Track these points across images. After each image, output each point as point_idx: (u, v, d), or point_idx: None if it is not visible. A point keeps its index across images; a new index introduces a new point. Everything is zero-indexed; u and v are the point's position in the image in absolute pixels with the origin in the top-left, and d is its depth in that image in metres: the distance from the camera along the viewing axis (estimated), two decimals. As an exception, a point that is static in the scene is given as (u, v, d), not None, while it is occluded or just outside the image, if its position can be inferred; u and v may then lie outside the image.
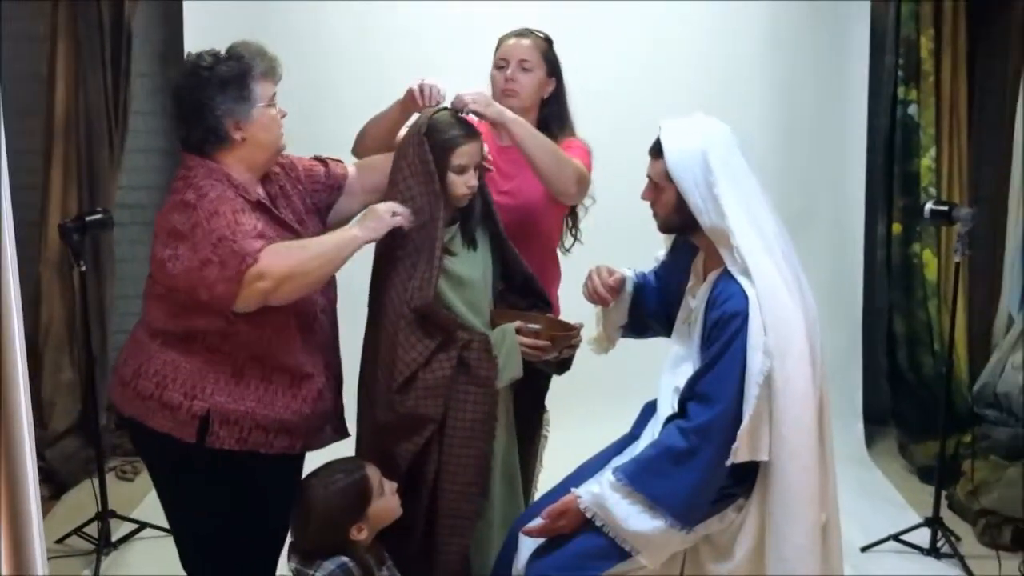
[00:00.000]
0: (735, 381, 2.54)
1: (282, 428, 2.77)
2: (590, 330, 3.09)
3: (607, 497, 2.62)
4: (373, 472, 2.76)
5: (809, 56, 5.22)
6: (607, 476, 2.66)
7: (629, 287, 3.01)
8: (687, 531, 2.61)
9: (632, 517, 2.59)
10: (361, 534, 2.70)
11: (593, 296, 2.98)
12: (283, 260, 2.60)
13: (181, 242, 2.61)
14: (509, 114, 3.07)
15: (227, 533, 2.80)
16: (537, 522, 2.72)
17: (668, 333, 2.95)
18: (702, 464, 2.56)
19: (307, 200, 2.97)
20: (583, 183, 3.22)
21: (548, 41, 3.38)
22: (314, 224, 2.95)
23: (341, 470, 2.78)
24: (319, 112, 4.86)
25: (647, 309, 3.02)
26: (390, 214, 2.76)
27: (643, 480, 2.60)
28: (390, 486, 2.79)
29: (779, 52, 5.20)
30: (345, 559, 2.64)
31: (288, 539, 2.80)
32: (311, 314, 2.84)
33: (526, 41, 3.33)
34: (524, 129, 3.09)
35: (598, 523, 2.63)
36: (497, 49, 3.34)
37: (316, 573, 2.62)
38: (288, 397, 2.77)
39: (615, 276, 2.97)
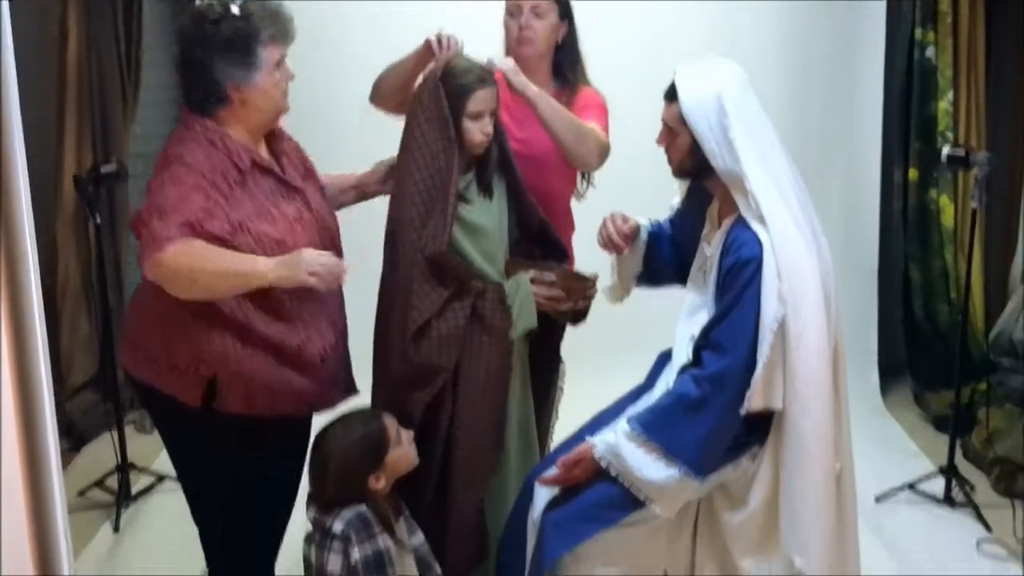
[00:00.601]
0: (749, 329, 2.54)
1: (289, 390, 2.75)
2: (605, 280, 3.09)
3: (621, 447, 2.63)
4: (390, 421, 2.77)
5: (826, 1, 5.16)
6: (621, 426, 2.66)
7: (644, 235, 2.99)
8: (701, 480, 2.61)
9: (646, 466, 2.60)
10: (379, 483, 2.71)
11: (607, 243, 2.96)
12: (186, 260, 2.49)
13: (147, 195, 2.60)
14: (533, 89, 3.04)
15: (236, 495, 2.81)
16: (552, 472, 2.74)
17: (683, 282, 2.94)
18: (715, 413, 2.57)
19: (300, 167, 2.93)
20: (603, 154, 3.20)
21: None
22: (314, 186, 2.91)
23: (358, 420, 2.79)
24: (328, 98, 4.98)
25: (662, 258, 3.01)
26: (308, 272, 2.55)
27: (657, 430, 2.61)
28: (407, 435, 2.80)
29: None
30: (363, 508, 2.66)
31: (307, 490, 2.81)
32: None
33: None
34: (547, 104, 3.07)
35: (612, 473, 2.64)
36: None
37: (335, 523, 2.63)
38: (294, 358, 2.73)
39: (629, 224, 2.96)
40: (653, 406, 2.69)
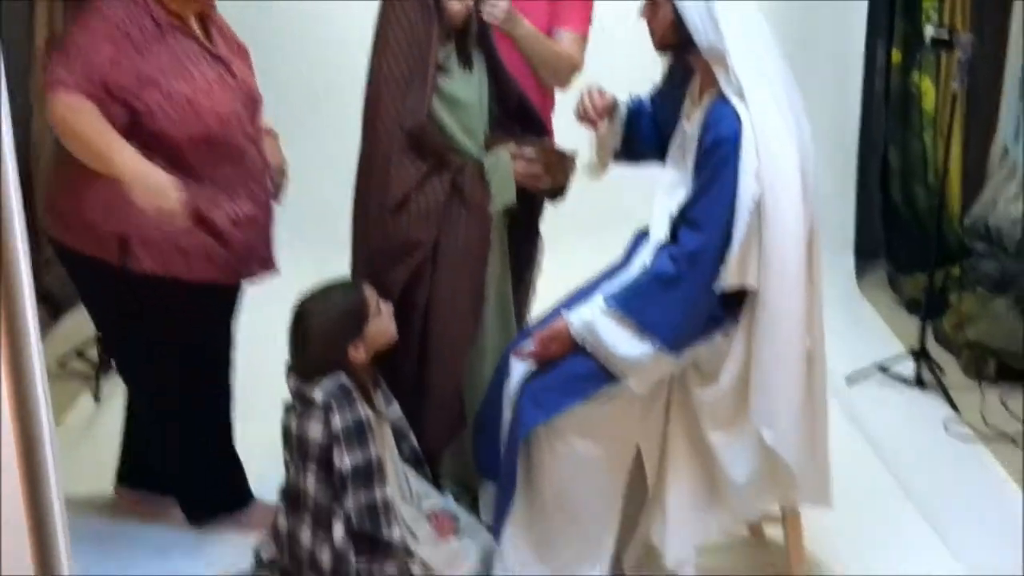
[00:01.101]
0: (726, 207, 2.54)
1: (203, 254, 2.77)
2: (584, 156, 3.07)
3: (597, 323, 2.65)
4: (370, 292, 2.78)
5: None
6: (598, 302, 2.68)
7: (623, 110, 2.97)
8: (675, 356, 2.64)
9: (621, 343, 2.63)
10: (359, 353, 2.73)
11: (584, 117, 2.94)
12: (71, 117, 2.56)
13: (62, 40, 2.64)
14: (523, 29, 3.12)
15: (162, 360, 2.88)
16: (528, 346, 2.76)
17: (663, 159, 2.93)
18: (690, 290, 2.58)
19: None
20: (573, 74, 3.36)
21: None
22: (243, 63, 2.94)
23: (339, 290, 2.80)
24: (311, 103, 4.96)
25: (641, 134, 2.99)
26: (167, 194, 2.58)
27: (633, 306, 2.63)
28: (387, 307, 2.81)
29: None
30: (344, 378, 2.68)
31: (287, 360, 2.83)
32: (234, 144, 2.81)
33: None
34: (532, 43, 3.18)
35: (588, 349, 2.67)
36: None
37: (315, 392, 2.66)
38: (201, 221, 2.74)
39: (606, 98, 2.93)
40: (629, 283, 2.70)
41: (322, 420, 2.64)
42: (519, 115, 3.12)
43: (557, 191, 3.11)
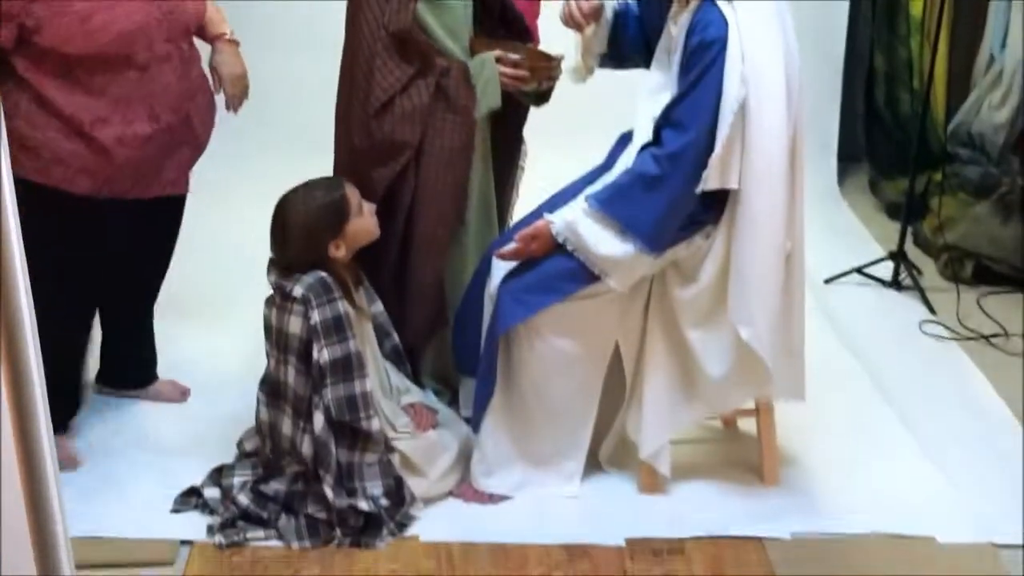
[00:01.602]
0: (709, 109, 2.57)
1: (82, 167, 2.75)
2: (570, 60, 3.08)
3: (579, 222, 2.69)
4: (352, 191, 2.81)
5: None
6: (579, 202, 2.72)
7: (609, 14, 2.97)
8: (655, 255, 2.69)
9: (603, 242, 2.68)
10: (339, 251, 2.77)
11: (569, 20, 2.93)
12: None
13: None
14: None
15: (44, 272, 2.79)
16: (510, 245, 2.81)
17: (648, 64, 2.94)
18: (672, 189, 2.62)
19: None
20: None
21: None
22: None
23: (321, 187, 2.82)
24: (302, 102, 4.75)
25: (627, 38, 2.99)
26: None
27: (614, 205, 2.67)
28: (369, 207, 2.85)
29: None
30: (323, 273, 2.72)
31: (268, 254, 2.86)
32: (136, 62, 2.73)
33: None
34: None
35: (569, 247, 2.71)
36: None
37: (295, 287, 2.70)
38: (85, 136, 2.72)
39: (592, 1, 2.92)
40: (611, 183, 2.73)
41: (302, 314, 2.69)
42: (503, 19, 3.13)
43: (542, 96, 3.13)
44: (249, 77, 3.08)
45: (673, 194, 2.63)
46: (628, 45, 3.01)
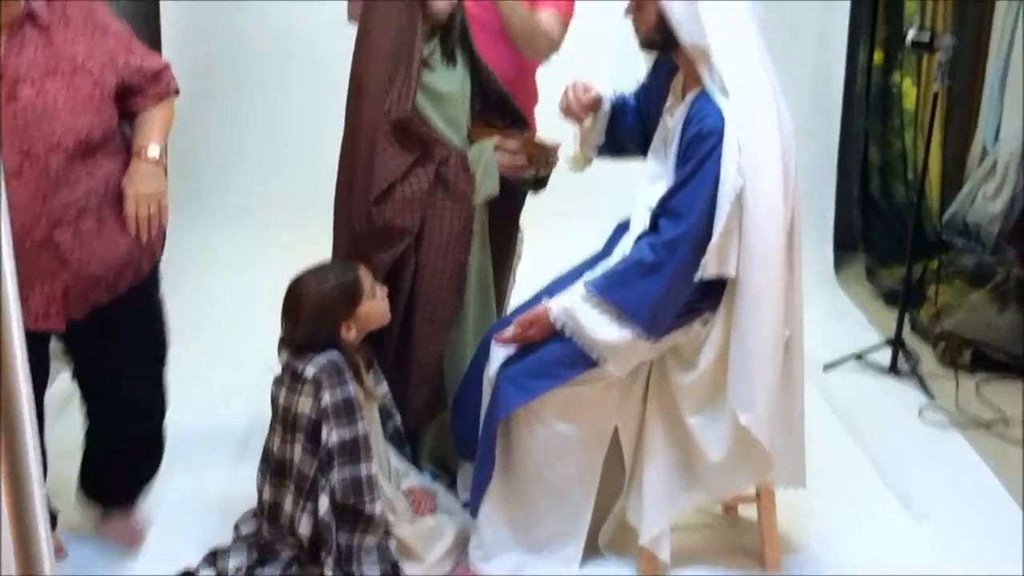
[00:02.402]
0: (706, 198, 2.60)
1: None
2: (568, 149, 3.13)
3: (577, 307, 2.71)
4: (365, 274, 2.84)
5: None
6: (578, 287, 2.74)
7: (607, 106, 3.03)
8: (652, 341, 2.71)
9: (600, 327, 2.69)
10: (350, 333, 2.79)
11: (568, 111, 2.99)
12: None
13: None
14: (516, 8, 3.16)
15: None
16: (509, 330, 2.82)
17: (645, 154, 2.98)
18: (669, 276, 2.64)
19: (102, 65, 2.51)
20: (552, 49, 3.33)
21: None
22: (103, 81, 2.50)
23: (335, 268, 2.86)
24: (298, 109, 4.99)
25: (625, 129, 3.05)
26: None
27: (612, 291, 2.69)
28: (381, 291, 2.88)
29: None
30: (334, 355, 2.73)
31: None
32: None
33: None
34: (510, 8, 3.19)
35: (567, 333, 2.73)
36: None
37: (307, 367, 2.70)
38: None
39: (590, 93, 2.98)
40: (610, 269, 2.76)
41: (312, 395, 2.69)
42: (501, 107, 3.19)
43: (539, 182, 3.18)
44: (167, 197, 2.67)
45: (670, 280, 2.65)
46: (625, 135, 3.06)
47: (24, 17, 2.40)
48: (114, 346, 2.74)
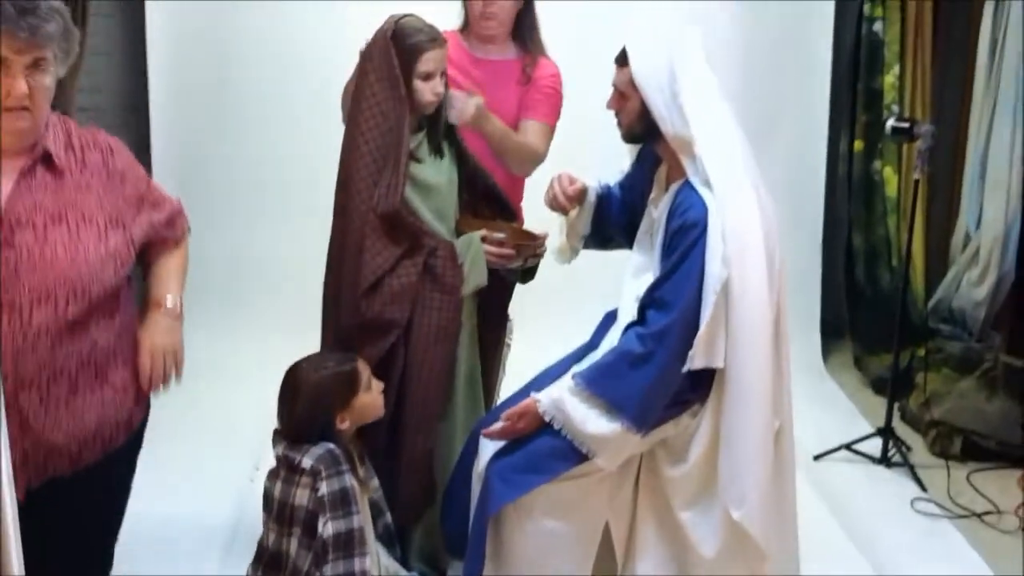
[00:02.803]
0: (692, 288, 2.60)
1: None
2: (554, 240, 3.14)
3: (565, 400, 2.69)
4: (363, 367, 2.82)
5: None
6: (566, 380, 2.72)
7: (592, 197, 3.04)
8: (642, 434, 2.68)
9: (589, 420, 2.66)
10: (344, 424, 2.76)
11: (554, 204, 3.01)
12: None
13: None
14: (491, 123, 3.20)
15: None
16: (497, 425, 2.79)
17: (631, 244, 2.99)
18: (657, 367, 2.62)
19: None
20: (538, 163, 3.41)
21: None
22: (111, 236, 2.27)
23: (333, 359, 2.84)
24: (283, 108, 4.98)
25: (610, 220, 3.06)
26: None
27: (600, 383, 2.67)
28: (377, 385, 2.85)
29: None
30: (331, 445, 2.69)
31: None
32: None
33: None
34: (499, 137, 3.25)
35: (556, 426, 2.70)
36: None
37: (304, 458, 2.66)
38: None
39: (576, 185, 3.00)
40: (598, 362, 2.74)
41: (309, 486, 2.65)
42: (488, 199, 3.20)
43: (527, 273, 3.18)
44: (183, 348, 2.47)
45: (659, 372, 2.64)
46: (611, 226, 3.07)
47: (38, 158, 2.22)
48: (65, 518, 2.34)
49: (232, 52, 5.10)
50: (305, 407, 2.73)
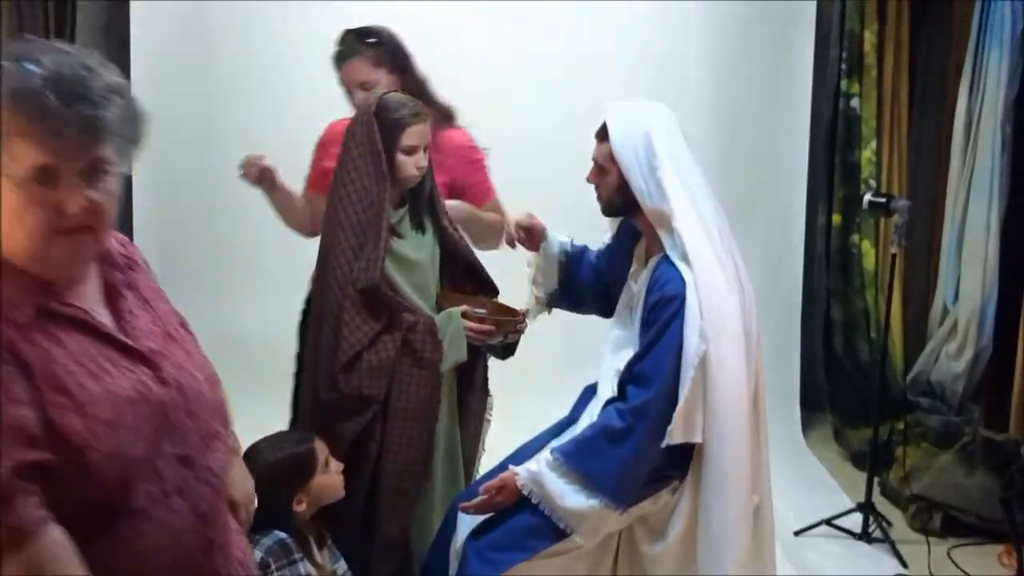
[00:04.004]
0: (671, 363, 2.60)
1: None
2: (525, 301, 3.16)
3: (544, 474, 2.67)
4: (321, 447, 2.78)
5: (755, 47, 5.28)
6: (544, 455, 2.71)
7: (555, 248, 3.10)
8: (620, 510, 2.66)
9: (568, 495, 2.64)
10: (300, 506, 2.72)
11: (517, 239, 3.10)
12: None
13: None
14: (458, 211, 3.24)
15: None
16: (476, 499, 2.77)
17: (603, 312, 3.04)
18: (635, 442, 2.61)
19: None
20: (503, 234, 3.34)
21: (374, 43, 3.30)
22: (181, 345, 1.81)
23: (289, 440, 2.80)
24: (269, 110, 4.99)
25: (581, 281, 3.10)
26: None
27: (579, 458, 2.65)
28: (336, 465, 2.81)
29: (724, 44, 5.25)
30: (283, 535, 2.65)
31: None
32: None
33: (356, 61, 3.28)
34: (477, 224, 3.32)
35: (534, 500, 2.68)
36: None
37: (254, 550, 2.60)
38: None
39: (534, 220, 3.10)
40: (577, 437, 2.73)
41: None
42: (469, 274, 3.19)
43: (507, 349, 3.16)
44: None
45: (638, 447, 2.62)
46: (582, 288, 3.11)
47: (109, 269, 1.78)
48: None
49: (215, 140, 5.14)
50: (260, 491, 2.67)
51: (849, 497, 4.54)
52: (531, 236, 3.12)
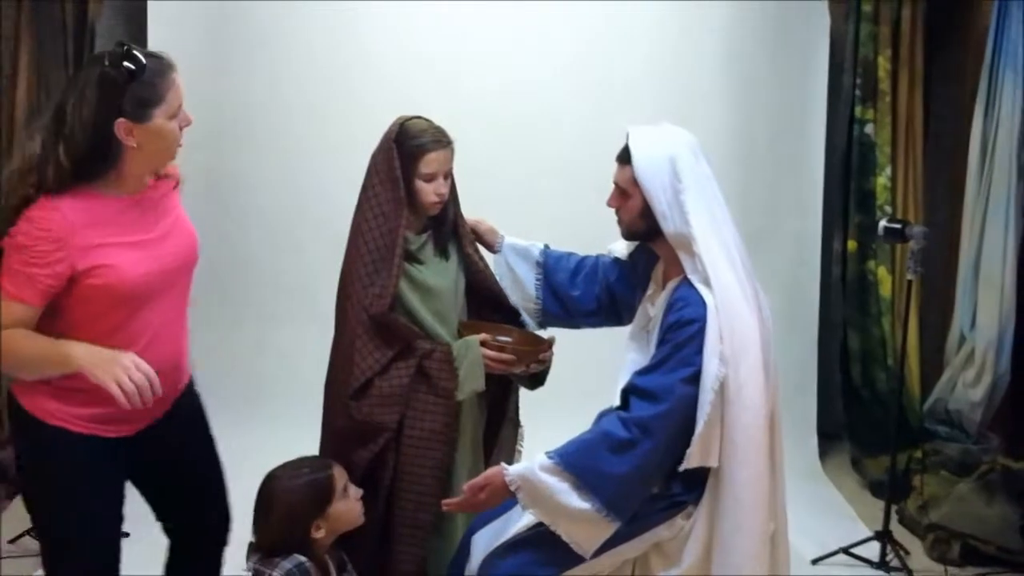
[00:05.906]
0: (681, 383, 2.58)
1: None
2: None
3: (535, 472, 2.62)
4: (340, 473, 2.77)
5: (769, 76, 5.27)
6: (539, 456, 2.66)
7: (509, 257, 3.17)
8: (615, 521, 2.61)
9: (561, 493, 2.59)
10: (319, 533, 2.70)
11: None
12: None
13: None
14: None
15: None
16: (457, 498, 2.73)
17: (602, 323, 3.08)
18: (639, 457, 2.58)
19: None
20: None
21: None
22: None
23: (308, 465, 2.79)
24: (284, 110, 4.98)
25: (558, 286, 3.13)
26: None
27: (575, 461, 2.61)
28: (355, 491, 2.80)
29: (739, 71, 5.25)
30: (303, 559, 2.64)
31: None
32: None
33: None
34: None
35: (520, 500, 2.64)
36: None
37: (273, 571, 2.61)
38: None
39: (481, 225, 3.18)
40: (576, 440, 2.68)
41: None
42: (493, 303, 3.16)
43: (536, 380, 3.12)
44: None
45: (641, 463, 2.59)
46: (569, 301, 3.12)
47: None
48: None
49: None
50: (279, 518, 2.68)
51: (867, 526, 4.49)
52: (481, 239, 3.16)
